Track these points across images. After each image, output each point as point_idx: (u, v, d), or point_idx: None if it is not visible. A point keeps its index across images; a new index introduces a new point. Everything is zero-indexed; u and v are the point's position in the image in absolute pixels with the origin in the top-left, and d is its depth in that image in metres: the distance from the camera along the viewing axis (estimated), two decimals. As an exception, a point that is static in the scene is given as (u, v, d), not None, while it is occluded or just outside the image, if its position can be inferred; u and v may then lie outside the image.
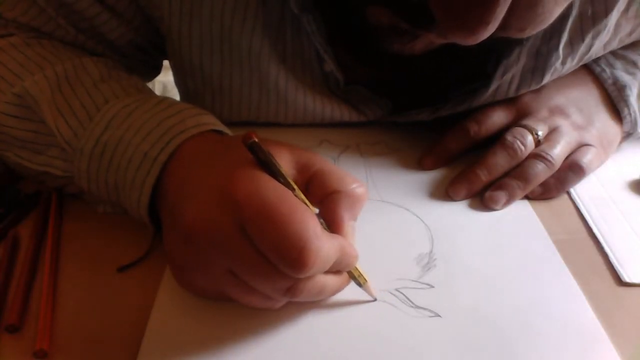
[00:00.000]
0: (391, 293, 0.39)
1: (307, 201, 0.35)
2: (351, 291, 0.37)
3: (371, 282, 0.38)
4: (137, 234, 0.42)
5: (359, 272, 0.37)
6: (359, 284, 0.37)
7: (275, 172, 0.34)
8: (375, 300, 0.38)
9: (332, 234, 0.34)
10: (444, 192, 0.49)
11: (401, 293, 0.39)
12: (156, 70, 0.61)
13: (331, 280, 0.35)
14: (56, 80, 0.44)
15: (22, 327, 0.36)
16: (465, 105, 0.52)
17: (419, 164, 0.52)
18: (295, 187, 0.34)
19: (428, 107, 0.54)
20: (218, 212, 0.33)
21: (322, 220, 0.35)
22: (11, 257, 0.41)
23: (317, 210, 0.36)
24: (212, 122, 0.41)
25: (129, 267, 0.40)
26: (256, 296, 0.34)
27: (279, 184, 0.34)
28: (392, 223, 0.45)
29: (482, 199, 0.48)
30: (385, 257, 0.42)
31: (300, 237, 0.31)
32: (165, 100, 0.43)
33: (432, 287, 0.39)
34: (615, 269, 0.41)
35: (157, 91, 1.22)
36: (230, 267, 0.33)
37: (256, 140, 0.34)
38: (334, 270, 0.35)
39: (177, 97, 0.61)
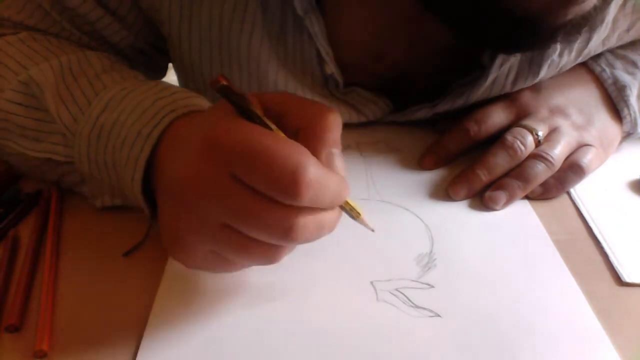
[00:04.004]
0: (391, 293, 0.39)
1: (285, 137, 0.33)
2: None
3: (365, 215, 0.36)
4: (137, 234, 0.42)
5: (351, 205, 0.36)
6: (353, 217, 0.36)
7: (250, 113, 0.33)
8: (373, 231, 0.37)
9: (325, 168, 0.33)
10: (444, 192, 0.49)
11: (401, 293, 0.39)
12: (160, 73, 0.61)
13: (329, 214, 0.34)
14: (60, 70, 0.44)
15: (22, 327, 0.36)
16: (463, 99, 0.52)
17: (419, 164, 0.52)
18: (272, 125, 0.33)
19: (426, 104, 0.54)
20: (204, 163, 0.32)
21: None
22: (11, 257, 0.41)
23: None
24: (203, 104, 0.41)
25: (132, 252, 0.41)
26: (254, 249, 0.33)
27: (255, 124, 0.32)
28: (392, 223, 0.45)
29: (482, 199, 0.48)
30: (385, 257, 0.42)
31: (291, 161, 0.30)
32: (160, 83, 0.43)
33: (432, 287, 0.39)
34: (615, 269, 0.41)
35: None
36: (224, 220, 0.32)
37: (225, 82, 0.33)
38: (333, 206, 0.34)
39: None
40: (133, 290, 0.39)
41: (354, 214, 0.36)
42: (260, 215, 0.31)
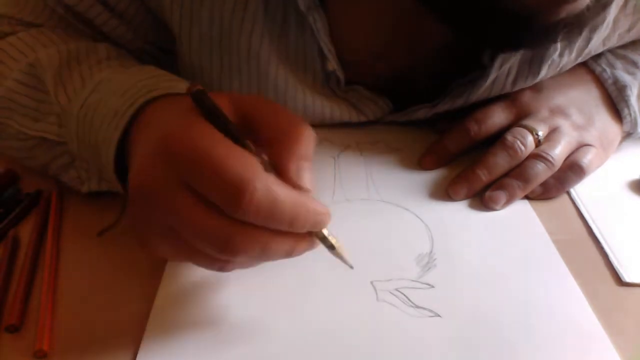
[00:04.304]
0: (391, 293, 0.39)
1: (253, 149, 0.33)
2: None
3: (345, 249, 0.34)
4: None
5: (325, 233, 0.33)
6: (329, 248, 0.34)
7: (221, 121, 0.32)
8: (352, 268, 0.35)
9: (287, 185, 0.32)
10: (444, 192, 0.49)
11: (401, 293, 0.39)
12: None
13: (277, 239, 0.32)
14: (67, 55, 0.46)
15: (22, 327, 0.36)
16: (463, 99, 0.52)
17: (419, 164, 0.52)
18: (242, 136, 0.33)
19: (427, 103, 0.54)
20: (157, 166, 0.32)
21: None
22: (11, 257, 0.41)
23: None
24: (184, 87, 0.40)
25: (106, 231, 0.42)
26: (198, 256, 0.33)
27: (214, 130, 0.32)
28: (392, 223, 0.45)
29: (482, 199, 0.48)
30: (385, 257, 0.42)
31: (239, 172, 0.29)
32: (147, 67, 0.43)
33: (432, 287, 0.39)
34: (615, 269, 0.41)
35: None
36: (169, 223, 0.32)
37: (201, 88, 0.33)
38: (293, 229, 0.32)
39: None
40: (133, 290, 0.39)
41: (326, 244, 0.34)
42: (200, 223, 0.31)
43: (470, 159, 0.50)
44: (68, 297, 0.38)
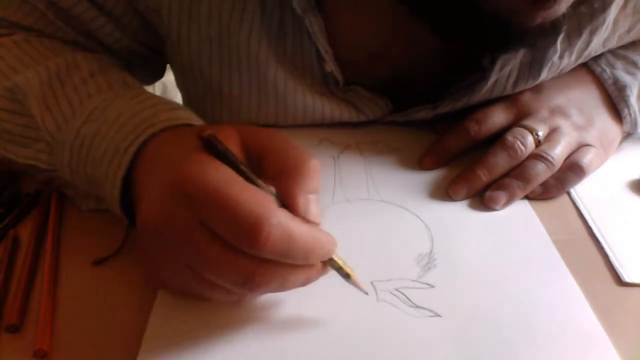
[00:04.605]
0: (391, 293, 0.39)
1: (266, 187, 0.33)
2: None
3: (357, 275, 0.36)
4: (137, 234, 0.42)
5: (340, 263, 0.35)
6: (345, 277, 0.36)
7: (233, 165, 0.33)
8: (367, 294, 0.37)
9: (300, 220, 0.33)
10: (444, 192, 0.49)
11: (401, 293, 0.39)
12: (158, 75, 0.61)
13: (294, 273, 0.33)
14: (47, 76, 0.44)
15: (22, 327, 0.36)
16: (463, 101, 0.52)
17: (419, 164, 0.52)
18: (250, 173, 0.33)
19: (427, 105, 0.54)
20: (172, 206, 0.32)
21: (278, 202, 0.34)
22: (11, 257, 0.41)
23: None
24: (185, 116, 0.41)
25: (104, 261, 0.41)
26: (218, 291, 0.34)
27: (227, 168, 0.33)
28: (392, 223, 0.45)
29: (482, 199, 0.48)
30: (385, 257, 0.42)
31: (252, 210, 0.30)
32: (142, 94, 0.43)
33: (432, 287, 0.39)
34: (615, 269, 0.41)
35: (157, 91, 1.22)
36: (187, 262, 0.33)
37: (212, 133, 0.33)
38: (309, 261, 0.33)
39: (178, 98, 0.61)
40: (134, 290, 0.39)
41: (342, 273, 0.35)
42: (220, 262, 0.32)
43: (470, 159, 0.50)
44: (68, 297, 0.38)
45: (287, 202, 0.33)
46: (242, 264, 0.31)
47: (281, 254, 0.31)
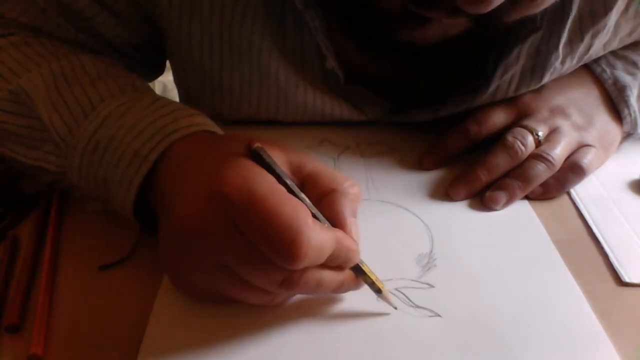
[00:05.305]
0: (391, 293, 0.39)
1: (308, 201, 0.35)
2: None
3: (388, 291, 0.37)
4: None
5: (373, 279, 0.36)
6: (377, 292, 0.37)
7: (278, 177, 0.34)
8: (396, 308, 0.37)
9: (326, 227, 0.34)
10: (444, 192, 0.49)
11: (401, 293, 0.39)
12: (158, 71, 0.61)
13: (329, 275, 0.35)
14: (52, 77, 0.44)
15: (22, 327, 0.36)
16: (464, 106, 0.53)
17: (419, 164, 0.52)
18: (295, 187, 0.34)
19: (428, 108, 0.54)
20: (208, 206, 0.33)
21: (321, 216, 0.35)
22: (11, 257, 0.41)
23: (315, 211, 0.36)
24: (204, 122, 0.41)
25: (110, 267, 0.40)
26: (254, 291, 0.34)
27: (269, 176, 0.33)
28: (392, 223, 0.45)
29: (482, 199, 0.48)
30: (385, 257, 0.42)
31: (291, 227, 0.31)
32: (160, 99, 0.43)
33: (432, 287, 0.39)
34: (615, 269, 0.41)
35: (157, 91, 1.21)
36: (224, 262, 0.33)
37: (260, 145, 0.34)
38: (334, 264, 0.34)
39: (177, 97, 0.61)
40: (134, 292, 0.39)
41: (374, 289, 0.37)
42: (257, 265, 0.32)
43: (470, 159, 0.50)
44: (68, 298, 0.38)
45: (336, 223, 0.35)
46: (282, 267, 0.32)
47: (313, 263, 0.33)
